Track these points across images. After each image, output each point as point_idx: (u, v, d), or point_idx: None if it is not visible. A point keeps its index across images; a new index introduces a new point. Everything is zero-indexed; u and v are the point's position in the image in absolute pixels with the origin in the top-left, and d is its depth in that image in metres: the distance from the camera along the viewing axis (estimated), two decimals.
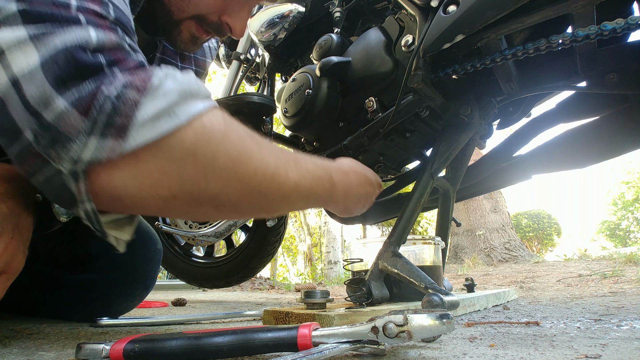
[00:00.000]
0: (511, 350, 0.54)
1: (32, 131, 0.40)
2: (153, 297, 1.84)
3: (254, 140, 0.50)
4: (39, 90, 0.39)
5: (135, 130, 0.41)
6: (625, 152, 0.90)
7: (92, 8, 0.44)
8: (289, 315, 0.74)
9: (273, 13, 1.16)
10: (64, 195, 0.42)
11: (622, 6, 0.78)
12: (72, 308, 0.92)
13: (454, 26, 0.72)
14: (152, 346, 0.45)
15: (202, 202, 0.47)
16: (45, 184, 0.42)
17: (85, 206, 0.43)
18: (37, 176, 0.42)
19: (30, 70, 0.39)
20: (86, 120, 0.40)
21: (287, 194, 0.54)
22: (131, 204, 0.45)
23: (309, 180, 0.58)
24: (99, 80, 0.40)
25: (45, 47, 0.39)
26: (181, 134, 0.43)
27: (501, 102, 0.98)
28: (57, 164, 0.40)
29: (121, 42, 0.44)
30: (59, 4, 0.42)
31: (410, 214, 0.85)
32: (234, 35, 0.73)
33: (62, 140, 0.40)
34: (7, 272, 0.51)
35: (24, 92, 0.39)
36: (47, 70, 0.39)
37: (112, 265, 0.92)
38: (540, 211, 11.45)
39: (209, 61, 1.00)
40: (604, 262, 2.86)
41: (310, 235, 10.84)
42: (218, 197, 0.47)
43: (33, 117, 0.39)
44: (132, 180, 0.43)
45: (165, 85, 0.43)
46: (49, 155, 0.40)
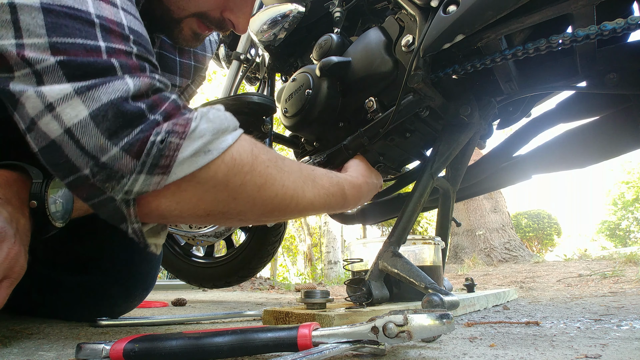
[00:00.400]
0: (511, 350, 0.54)
1: (89, 169, 0.47)
2: (153, 297, 1.84)
3: (277, 166, 0.59)
4: (93, 140, 0.46)
5: (176, 167, 0.49)
6: (625, 152, 0.90)
7: (119, 47, 0.49)
8: (289, 315, 0.74)
9: (273, 13, 1.16)
10: (116, 216, 0.51)
11: (622, 6, 0.78)
12: (71, 309, 0.92)
13: (454, 26, 0.71)
14: (152, 346, 0.45)
15: (230, 217, 0.57)
16: (98, 206, 0.50)
17: (133, 226, 0.52)
18: (92, 200, 0.49)
19: (82, 124, 0.45)
20: (137, 162, 0.47)
21: (303, 210, 0.63)
22: (175, 220, 0.54)
23: (323, 198, 0.67)
24: (145, 127, 0.47)
25: (92, 102, 0.46)
26: (215, 166, 0.51)
27: (501, 102, 0.98)
28: (111, 194, 0.48)
29: (152, 82, 0.50)
30: (90, 48, 0.47)
31: (410, 214, 0.85)
32: (237, 31, 0.73)
33: (116, 177, 0.47)
34: (10, 277, 0.51)
35: (78, 140, 0.46)
36: (99, 123, 0.46)
37: (111, 266, 0.92)
38: (540, 211, 11.45)
39: (209, 55, 0.99)
40: (604, 262, 2.86)
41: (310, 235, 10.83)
42: (244, 214, 0.57)
43: (90, 159, 0.46)
44: (175, 205, 0.52)
45: (200, 127, 0.50)
46: (104, 187, 0.48)
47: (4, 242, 0.50)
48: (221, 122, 0.53)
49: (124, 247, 0.93)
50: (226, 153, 0.52)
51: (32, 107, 0.45)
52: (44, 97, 0.45)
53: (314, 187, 0.65)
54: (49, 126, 0.45)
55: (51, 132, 0.46)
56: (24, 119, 0.47)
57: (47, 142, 0.46)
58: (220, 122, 0.53)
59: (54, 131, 0.46)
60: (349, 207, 0.79)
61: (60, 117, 0.45)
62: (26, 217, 0.57)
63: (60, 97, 0.45)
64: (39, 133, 0.46)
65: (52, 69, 0.45)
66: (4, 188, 0.56)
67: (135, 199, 0.49)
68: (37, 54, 0.45)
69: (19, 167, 0.60)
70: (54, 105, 0.45)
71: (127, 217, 0.50)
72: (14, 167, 0.60)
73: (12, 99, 0.46)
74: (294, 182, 0.61)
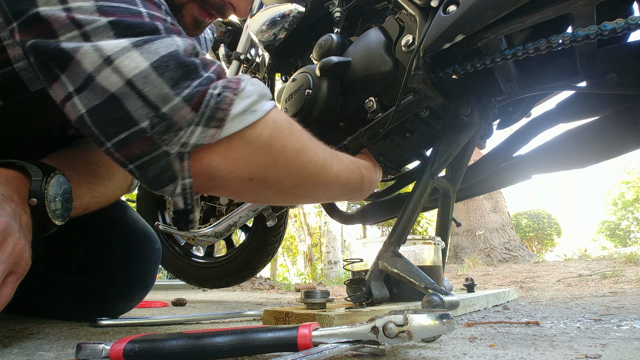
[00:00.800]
0: (511, 350, 0.54)
1: (149, 121, 0.47)
2: (153, 297, 1.84)
3: (308, 136, 0.63)
4: (157, 89, 0.47)
5: (229, 122, 0.51)
6: (625, 152, 0.90)
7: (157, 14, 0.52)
8: (289, 315, 0.74)
9: (273, 13, 1.16)
10: (166, 173, 0.51)
11: (622, 6, 0.78)
12: (71, 308, 0.92)
13: (454, 26, 0.71)
14: (152, 346, 0.45)
15: (269, 185, 0.58)
16: (148, 165, 0.50)
17: (185, 181, 0.52)
18: (142, 159, 0.49)
19: (143, 74, 0.46)
20: (196, 113, 0.48)
21: (330, 182, 0.66)
22: (220, 183, 0.55)
23: (346, 172, 0.71)
24: (204, 80, 0.50)
25: (150, 54, 0.47)
26: (260, 127, 0.54)
27: (501, 102, 0.98)
28: (167, 147, 0.49)
29: (195, 45, 0.53)
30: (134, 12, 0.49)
31: (410, 214, 0.85)
32: (238, 15, 0.74)
33: (175, 128, 0.48)
34: (16, 272, 0.51)
35: (140, 90, 0.46)
36: (162, 73, 0.47)
37: (110, 265, 0.92)
38: (540, 211, 11.45)
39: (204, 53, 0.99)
40: (604, 262, 2.86)
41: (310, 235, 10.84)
42: (281, 182, 0.59)
43: (152, 110, 0.47)
44: (225, 164, 0.53)
45: (248, 88, 0.53)
46: (161, 140, 0.48)
47: (10, 237, 0.50)
48: (262, 87, 0.56)
49: (122, 247, 0.93)
50: (269, 115, 0.55)
51: (90, 61, 0.46)
52: (102, 51, 0.46)
53: (338, 161, 0.69)
54: (109, 79, 0.46)
55: (111, 85, 0.46)
56: (77, 77, 0.46)
57: (103, 98, 0.46)
58: (262, 87, 0.56)
59: (115, 84, 0.46)
60: (364, 191, 0.80)
61: (120, 69, 0.46)
62: (27, 214, 0.57)
63: (119, 49, 0.46)
64: (95, 89, 0.46)
65: (103, 29, 0.46)
66: (5, 185, 0.56)
67: (190, 154, 0.50)
68: (87, 15, 0.46)
69: (18, 165, 0.60)
70: (113, 58, 0.46)
71: (179, 172, 0.51)
72: (13, 165, 0.60)
73: (63, 58, 0.46)
74: (323, 151, 0.65)
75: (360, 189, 0.78)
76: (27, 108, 0.71)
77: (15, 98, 0.67)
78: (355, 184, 0.75)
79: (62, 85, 0.47)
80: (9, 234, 0.50)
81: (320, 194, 0.68)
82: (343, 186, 0.71)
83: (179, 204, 0.54)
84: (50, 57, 0.47)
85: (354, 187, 0.75)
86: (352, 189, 0.75)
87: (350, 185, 0.73)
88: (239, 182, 0.55)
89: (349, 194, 0.76)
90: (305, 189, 0.63)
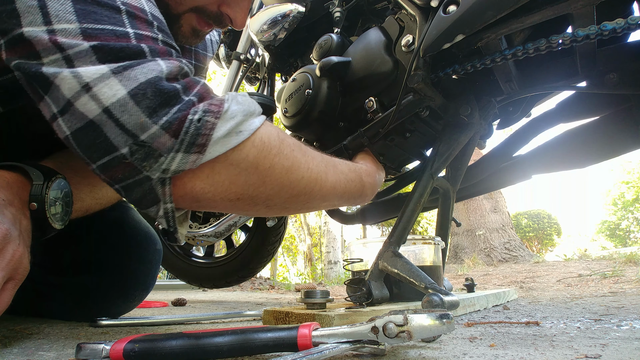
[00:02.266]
0: (511, 350, 0.54)
1: (127, 148, 0.47)
2: (153, 297, 1.84)
3: (301, 150, 0.61)
4: (133, 118, 0.47)
5: (211, 147, 0.50)
6: (625, 152, 0.90)
7: (146, 34, 0.51)
8: (289, 315, 0.74)
9: (273, 13, 1.15)
10: (149, 197, 0.51)
11: (622, 6, 0.78)
12: (71, 309, 0.92)
13: (454, 26, 0.71)
14: (152, 346, 0.45)
15: (258, 202, 0.58)
16: (132, 187, 0.50)
17: (166, 206, 0.52)
18: (124, 182, 0.50)
19: (120, 102, 0.46)
20: (175, 140, 0.48)
21: (325, 195, 0.65)
22: (207, 204, 0.55)
23: (344, 183, 0.69)
24: (183, 106, 0.49)
25: (129, 81, 0.47)
26: (246, 148, 0.53)
27: (501, 102, 0.98)
28: (148, 173, 0.49)
29: (181, 65, 0.52)
30: (120, 34, 0.48)
31: (410, 214, 0.85)
32: (234, 27, 0.73)
33: (155, 155, 0.48)
34: (15, 278, 0.51)
35: (118, 118, 0.46)
36: (139, 101, 0.47)
37: (111, 265, 0.92)
38: (540, 211, 11.44)
39: (209, 55, 0.99)
40: (604, 262, 2.86)
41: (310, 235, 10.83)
42: (271, 199, 0.58)
43: (130, 137, 0.47)
44: (209, 187, 0.52)
45: (232, 108, 0.52)
46: (142, 166, 0.48)
47: (9, 243, 0.50)
48: (249, 105, 0.55)
49: (123, 248, 0.93)
50: (256, 135, 0.54)
51: (68, 87, 0.46)
52: (80, 78, 0.45)
53: (335, 172, 0.67)
54: (87, 106, 0.46)
55: (89, 112, 0.46)
56: (58, 101, 0.46)
57: (83, 123, 0.47)
58: (249, 105, 0.55)
59: (93, 111, 0.46)
60: (367, 197, 0.79)
61: (97, 96, 0.46)
62: (27, 218, 0.57)
63: (97, 77, 0.46)
64: (75, 114, 0.46)
65: (84, 53, 0.46)
66: (6, 190, 0.56)
67: (171, 179, 0.50)
68: (69, 39, 0.46)
69: (19, 168, 0.60)
70: (91, 85, 0.46)
71: (161, 197, 0.51)
72: (15, 168, 0.60)
73: (44, 82, 0.46)
74: (317, 165, 0.62)
75: (361, 196, 0.77)
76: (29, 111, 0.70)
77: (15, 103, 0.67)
78: (355, 192, 0.74)
79: (48, 105, 0.48)
80: (8, 240, 0.50)
81: (315, 205, 0.66)
82: (341, 196, 0.69)
83: (162, 224, 0.54)
84: (34, 79, 0.47)
85: (354, 195, 0.74)
86: (352, 196, 0.74)
87: (350, 193, 0.72)
88: (226, 202, 0.55)
89: (349, 201, 0.75)
90: (297, 204, 0.62)
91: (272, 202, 0.58)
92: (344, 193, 0.70)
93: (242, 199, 0.55)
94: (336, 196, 0.68)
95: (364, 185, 0.76)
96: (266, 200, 0.57)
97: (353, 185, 0.72)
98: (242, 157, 0.53)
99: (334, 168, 0.67)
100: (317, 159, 0.63)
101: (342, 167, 0.71)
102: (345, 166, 0.73)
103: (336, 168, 0.68)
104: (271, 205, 0.59)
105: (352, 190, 0.72)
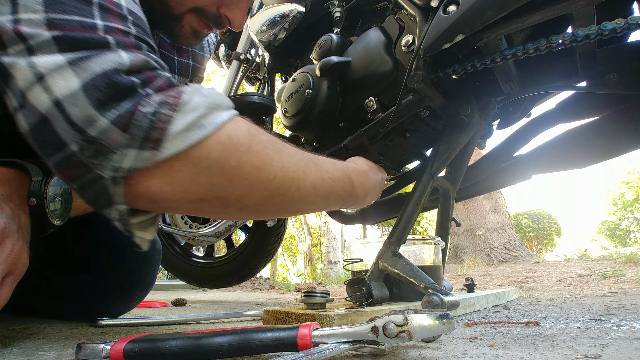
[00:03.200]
0: (511, 350, 0.54)
1: (77, 144, 0.44)
2: (153, 297, 1.84)
3: (275, 147, 0.55)
4: (82, 111, 0.43)
5: (168, 142, 0.45)
6: (625, 152, 0.90)
7: (117, 27, 0.48)
8: (289, 315, 0.74)
9: (273, 13, 1.16)
10: (102, 197, 0.47)
11: (622, 6, 0.78)
12: (71, 308, 0.92)
13: (454, 26, 0.71)
14: (152, 346, 0.45)
15: (228, 204, 0.53)
16: (85, 188, 0.47)
17: (119, 207, 0.48)
18: (78, 181, 0.46)
19: (72, 94, 0.43)
20: (126, 135, 0.44)
21: (305, 195, 0.59)
22: (166, 205, 0.50)
23: (328, 183, 0.63)
24: (135, 100, 0.45)
25: (84, 73, 0.44)
26: (209, 145, 0.48)
27: (501, 102, 0.98)
28: (99, 171, 0.45)
29: (148, 60, 0.48)
30: (87, 25, 0.45)
31: (410, 214, 0.85)
32: (232, 27, 0.73)
33: (105, 152, 0.44)
34: (14, 273, 0.51)
35: (67, 112, 0.43)
36: (89, 93, 0.43)
37: (111, 266, 0.92)
38: (540, 211, 11.44)
39: (207, 56, 1.00)
40: (604, 262, 2.86)
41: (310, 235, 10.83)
42: (242, 200, 0.53)
43: (78, 132, 0.44)
44: (167, 187, 0.48)
45: (194, 100, 0.48)
46: (92, 164, 0.45)
47: (8, 238, 0.50)
48: (215, 97, 0.50)
49: (122, 247, 0.93)
50: (221, 130, 0.49)
51: (23, 78, 0.43)
52: (34, 67, 0.43)
53: (317, 171, 0.61)
54: (39, 98, 0.43)
55: (41, 104, 0.43)
56: (15, 93, 0.44)
57: (37, 118, 0.44)
58: (215, 97, 0.50)
59: (43, 103, 0.43)
60: (358, 198, 0.73)
61: (50, 87, 0.43)
62: (26, 214, 0.58)
63: (52, 67, 0.43)
64: (29, 108, 0.44)
65: (46, 43, 0.43)
66: (4, 185, 0.56)
67: (125, 178, 0.46)
68: (33, 29, 0.43)
69: (18, 164, 0.60)
70: (45, 75, 0.43)
71: (113, 197, 0.47)
72: (13, 164, 0.60)
73: (4, 72, 0.44)
74: (295, 164, 0.57)
75: (352, 197, 0.71)
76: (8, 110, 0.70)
77: None
78: (342, 192, 0.67)
79: (10, 98, 0.46)
80: (7, 235, 0.50)
81: (296, 207, 0.61)
82: (325, 197, 0.63)
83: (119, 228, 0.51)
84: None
85: (342, 196, 0.68)
86: (340, 197, 0.68)
87: (337, 194, 0.66)
88: (188, 203, 0.50)
89: (337, 202, 0.68)
90: (273, 205, 0.56)
91: (243, 203, 0.53)
92: (329, 194, 0.64)
93: (207, 200, 0.50)
94: (319, 197, 0.62)
95: (354, 185, 0.70)
96: (236, 201, 0.52)
97: (340, 186, 0.66)
98: (205, 154, 0.48)
99: (315, 166, 0.61)
100: (294, 156, 0.58)
101: (326, 165, 0.65)
102: (331, 164, 0.66)
103: (318, 166, 0.62)
104: (244, 207, 0.54)
105: (339, 191, 0.66)
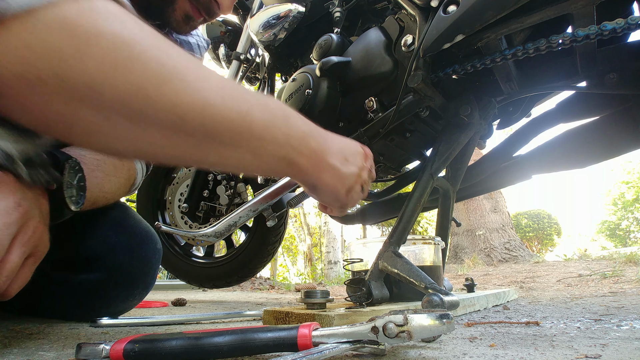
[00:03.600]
0: (511, 350, 0.54)
1: None
2: (153, 297, 1.84)
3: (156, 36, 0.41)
4: None
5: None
6: (625, 152, 0.90)
7: None
8: (289, 315, 0.74)
9: (273, 13, 1.16)
10: None
11: (622, 6, 0.78)
12: (71, 308, 0.92)
13: (454, 26, 0.72)
14: (152, 346, 0.45)
15: (74, 94, 0.37)
16: None
17: None
18: None
19: None
20: None
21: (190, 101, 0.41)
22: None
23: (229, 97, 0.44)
24: None
25: None
26: (63, 7, 0.36)
27: (501, 102, 0.98)
28: None
29: None
30: None
31: (410, 214, 0.85)
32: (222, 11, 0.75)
33: None
34: (35, 255, 0.53)
35: None
36: None
37: (111, 265, 0.92)
38: (540, 211, 11.45)
39: (197, 57, 1.00)
40: (604, 262, 2.86)
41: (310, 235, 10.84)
42: (94, 89, 0.37)
43: None
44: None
45: None
46: None
47: (30, 220, 0.51)
48: None
49: (123, 247, 0.93)
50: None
51: None
52: None
53: (211, 82, 0.43)
54: None
55: None
56: None
57: None
58: None
59: None
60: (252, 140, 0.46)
61: None
62: (46, 199, 0.59)
63: None
64: None
65: None
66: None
67: None
68: None
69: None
70: None
71: None
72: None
73: None
74: (184, 59, 0.42)
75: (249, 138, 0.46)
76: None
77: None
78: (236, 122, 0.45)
79: None
80: (30, 217, 0.51)
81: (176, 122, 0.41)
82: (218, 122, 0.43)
83: None
84: None
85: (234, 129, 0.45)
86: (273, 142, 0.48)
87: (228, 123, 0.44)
88: (23, 85, 0.36)
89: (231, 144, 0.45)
90: (149, 115, 0.39)
91: (99, 96, 0.38)
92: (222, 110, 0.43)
93: (46, 81, 0.36)
94: (210, 117, 0.42)
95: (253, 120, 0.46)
96: (89, 90, 0.37)
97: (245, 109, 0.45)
98: (54, 14, 0.36)
99: (215, 78, 0.44)
100: (175, 50, 0.42)
101: (240, 90, 0.47)
102: (253, 93, 0.48)
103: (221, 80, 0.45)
104: (101, 106, 0.38)
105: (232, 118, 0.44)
